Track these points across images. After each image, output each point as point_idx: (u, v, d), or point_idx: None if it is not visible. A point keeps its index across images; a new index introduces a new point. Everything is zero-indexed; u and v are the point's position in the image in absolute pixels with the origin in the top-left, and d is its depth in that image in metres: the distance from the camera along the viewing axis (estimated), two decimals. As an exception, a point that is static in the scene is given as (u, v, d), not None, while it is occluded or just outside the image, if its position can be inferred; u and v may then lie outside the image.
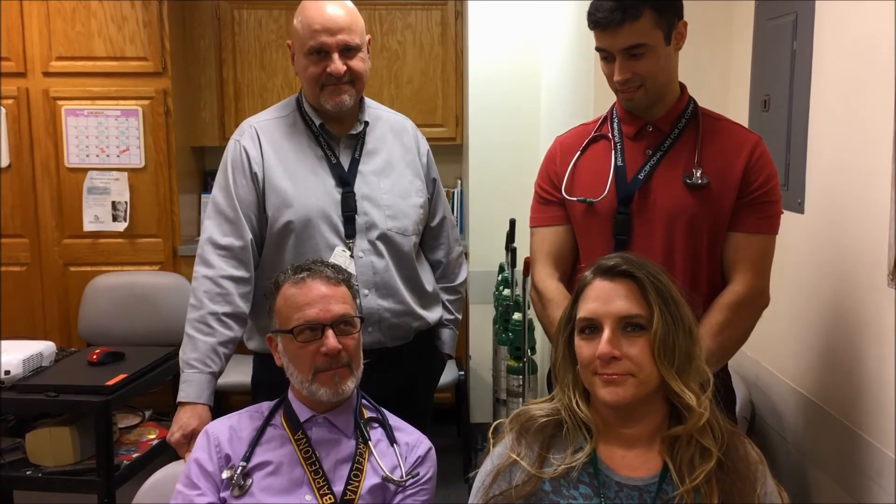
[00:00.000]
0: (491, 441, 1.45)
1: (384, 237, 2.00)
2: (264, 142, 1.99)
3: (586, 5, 1.73)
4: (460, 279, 2.29)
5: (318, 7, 1.93)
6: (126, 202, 3.82)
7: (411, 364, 2.07)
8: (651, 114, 1.79)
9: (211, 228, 1.95)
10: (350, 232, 1.96)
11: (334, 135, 2.02)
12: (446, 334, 2.24)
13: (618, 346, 1.30)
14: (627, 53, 1.67)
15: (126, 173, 3.81)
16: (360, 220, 1.98)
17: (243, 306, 1.93)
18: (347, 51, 1.93)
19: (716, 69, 2.53)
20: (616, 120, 1.85)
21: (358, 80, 1.97)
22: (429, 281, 2.15)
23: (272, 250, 1.98)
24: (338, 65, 1.91)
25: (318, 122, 2.00)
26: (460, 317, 2.31)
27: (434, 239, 2.22)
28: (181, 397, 1.87)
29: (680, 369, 1.31)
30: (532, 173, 1.96)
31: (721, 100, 2.48)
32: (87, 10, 3.73)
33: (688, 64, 1.84)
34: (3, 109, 3.75)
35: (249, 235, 1.94)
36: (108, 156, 3.81)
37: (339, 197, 1.97)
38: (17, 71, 3.74)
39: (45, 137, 3.78)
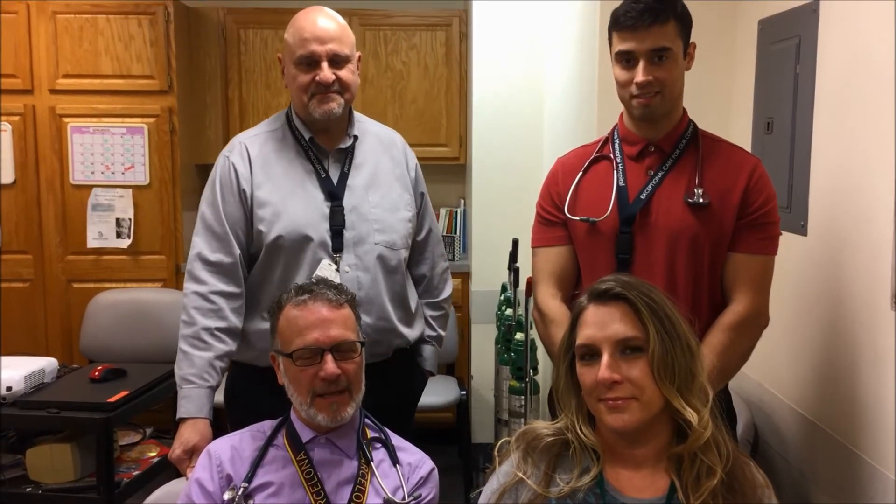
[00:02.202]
0: (496, 459, 1.44)
1: (372, 252, 1.99)
2: (254, 157, 1.99)
3: (590, 27, 1.74)
4: (444, 295, 2.27)
5: (308, 18, 1.95)
6: (130, 219, 3.84)
7: (391, 381, 2.04)
8: (654, 133, 1.81)
9: (200, 245, 1.95)
10: (338, 246, 1.96)
11: (324, 149, 2.02)
12: (428, 351, 2.21)
13: (617, 370, 1.30)
14: (653, 55, 1.70)
15: (130, 190, 3.83)
16: (348, 234, 1.97)
17: (236, 321, 1.94)
18: (337, 61, 1.93)
19: (719, 92, 2.54)
20: (618, 140, 1.86)
21: (346, 90, 1.97)
22: (413, 297, 2.14)
23: (262, 264, 1.97)
24: (327, 73, 1.92)
25: (307, 136, 2.00)
26: (444, 333, 2.28)
27: (419, 253, 2.20)
28: (181, 413, 1.86)
29: (682, 386, 1.31)
30: (535, 193, 1.97)
31: (724, 122, 2.49)
32: (94, 28, 3.77)
33: (692, 86, 1.86)
34: (10, 126, 3.77)
35: (238, 251, 1.94)
36: (112, 173, 3.83)
37: (327, 211, 1.96)
38: (23, 88, 3.77)
39: (50, 154, 3.80)
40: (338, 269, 1.94)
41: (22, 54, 3.76)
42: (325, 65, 1.92)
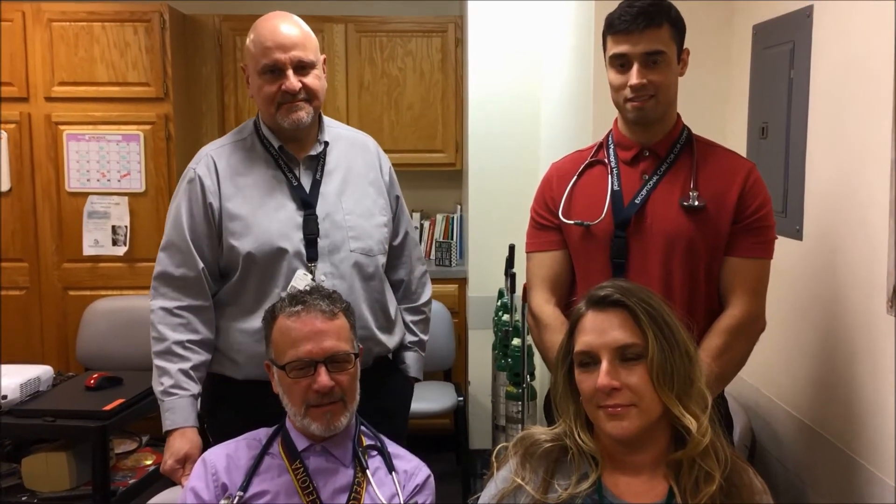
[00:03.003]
0: (494, 465, 1.44)
1: (348, 259, 1.96)
2: (221, 169, 1.95)
3: (586, 33, 1.75)
4: (423, 299, 2.23)
5: (270, 25, 1.91)
6: (126, 226, 3.83)
7: (373, 390, 1.98)
8: (648, 138, 1.81)
9: (164, 261, 1.93)
10: (313, 255, 1.92)
11: (294, 157, 1.98)
12: (410, 357, 2.18)
13: (617, 377, 1.30)
14: (646, 59, 1.70)
15: (126, 198, 3.82)
16: (322, 242, 1.94)
17: (206, 332, 1.92)
18: (302, 68, 1.90)
19: (715, 97, 2.54)
20: (612, 145, 1.86)
21: (314, 97, 1.93)
22: (392, 304, 2.11)
23: (237, 277, 1.93)
24: (292, 81, 1.88)
25: (276, 145, 1.96)
26: (426, 338, 2.24)
27: (396, 258, 2.17)
28: (167, 426, 1.85)
29: (680, 393, 1.31)
30: (531, 199, 1.96)
31: (719, 127, 2.49)
32: (89, 35, 3.76)
33: (687, 91, 1.86)
34: (5, 134, 3.77)
35: (201, 265, 1.92)
36: (108, 180, 3.82)
37: (300, 220, 1.93)
38: (19, 96, 3.76)
39: (46, 162, 3.80)
40: (313, 279, 1.91)
41: (17, 62, 3.75)
42: (290, 73, 1.88)
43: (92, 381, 2.79)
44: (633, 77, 1.71)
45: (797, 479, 2.07)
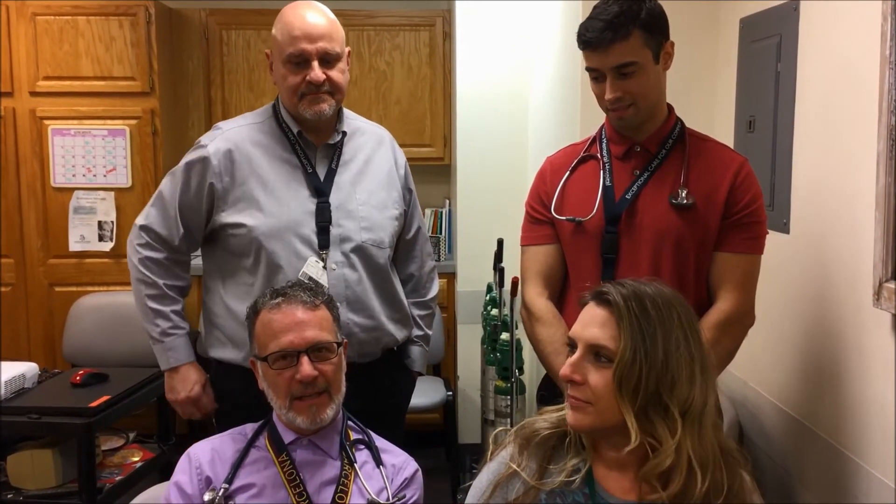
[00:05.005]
0: (492, 447, 1.44)
1: (359, 249, 1.97)
2: (235, 150, 1.95)
3: (573, 27, 1.74)
4: (432, 294, 2.25)
5: (298, 14, 1.91)
6: (112, 222, 3.81)
7: (379, 382, 2.02)
8: (639, 134, 1.80)
9: (152, 215, 1.99)
10: (324, 243, 1.93)
11: (311, 144, 1.99)
12: (416, 352, 2.19)
13: (580, 372, 1.29)
14: (618, 72, 1.69)
15: (113, 193, 3.80)
16: (334, 231, 1.94)
17: (188, 277, 2.05)
18: (327, 59, 1.90)
19: (702, 90, 2.54)
20: (605, 140, 1.86)
21: (338, 91, 1.94)
22: (402, 296, 2.12)
23: (246, 261, 1.94)
24: (317, 72, 1.88)
25: (295, 130, 1.97)
26: (431, 333, 2.26)
27: (407, 252, 2.18)
28: (172, 363, 1.96)
29: (646, 409, 1.27)
30: (520, 193, 1.97)
31: (707, 120, 2.49)
32: (74, 29, 3.73)
33: (674, 85, 1.85)
34: (-10, 129, 3.73)
35: (182, 231, 1.97)
36: (94, 175, 3.79)
37: (313, 207, 1.94)
38: (3, 90, 3.73)
39: (31, 157, 3.77)
40: (324, 267, 1.92)
41: (2, 56, 3.71)
42: (315, 64, 1.88)
43: (78, 378, 2.77)
44: (608, 91, 1.70)
45: (784, 471, 2.08)
